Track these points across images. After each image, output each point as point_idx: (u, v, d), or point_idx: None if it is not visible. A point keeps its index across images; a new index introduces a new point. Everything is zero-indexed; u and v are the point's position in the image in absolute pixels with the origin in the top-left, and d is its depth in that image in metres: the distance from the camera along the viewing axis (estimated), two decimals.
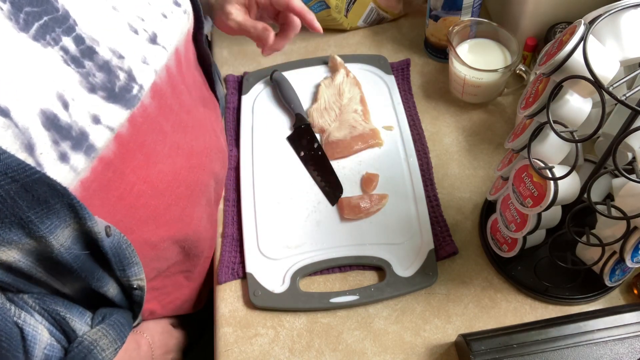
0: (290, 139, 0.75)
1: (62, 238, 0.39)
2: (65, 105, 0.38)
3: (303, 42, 0.88)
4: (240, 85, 0.83)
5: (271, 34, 0.62)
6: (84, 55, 0.40)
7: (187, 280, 0.65)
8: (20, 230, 0.36)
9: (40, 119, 0.36)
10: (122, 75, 0.43)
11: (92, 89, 0.40)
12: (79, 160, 0.38)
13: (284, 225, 0.67)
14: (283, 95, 0.78)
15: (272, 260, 0.65)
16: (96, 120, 0.40)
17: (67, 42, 0.39)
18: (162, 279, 0.60)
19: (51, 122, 0.36)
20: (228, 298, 0.63)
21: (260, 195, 0.70)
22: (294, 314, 0.61)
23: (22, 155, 0.35)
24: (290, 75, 0.81)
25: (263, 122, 0.78)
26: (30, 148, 0.35)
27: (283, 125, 0.77)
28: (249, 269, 0.64)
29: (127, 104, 0.43)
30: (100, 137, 0.40)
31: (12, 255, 0.38)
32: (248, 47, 0.88)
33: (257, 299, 0.62)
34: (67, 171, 0.37)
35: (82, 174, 0.39)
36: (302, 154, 0.74)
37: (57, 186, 0.36)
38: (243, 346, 0.60)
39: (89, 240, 0.42)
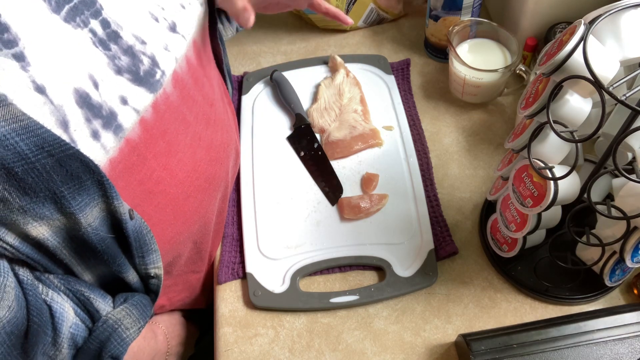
0: (290, 139, 0.75)
1: (90, 217, 0.40)
2: (96, 85, 0.39)
3: (303, 42, 0.88)
4: (240, 85, 0.83)
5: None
6: (110, 38, 0.41)
7: (197, 282, 0.66)
8: (52, 205, 0.37)
9: (74, 97, 0.37)
10: (145, 60, 0.44)
11: (119, 71, 0.41)
12: (108, 139, 0.40)
13: (284, 225, 0.67)
14: (283, 95, 0.78)
15: (272, 260, 0.65)
16: (124, 101, 0.41)
17: (95, 25, 0.40)
18: (174, 277, 0.61)
19: (84, 101, 0.38)
20: (228, 298, 0.63)
21: (260, 195, 0.70)
22: (294, 314, 0.61)
23: (58, 132, 0.36)
24: (290, 75, 0.81)
25: (263, 122, 0.77)
26: (64, 125, 0.36)
27: (283, 125, 0.77)
28: (249, 269, 0.64)
29: (151, 87, 0.44)
30: (127, 118, 0.41)
31: (42, 232, 0.39)
32: (248, 47, 0.89)
33: (257, 299, 0.62)
34: (98, 149, 0.39)
35: (110, 153, 0.40)
36: (302, 154, 0.73)
37: (90, 163, 0.37)
38: (243, 346, 0.60)
39: (114, 223, 0.43)
